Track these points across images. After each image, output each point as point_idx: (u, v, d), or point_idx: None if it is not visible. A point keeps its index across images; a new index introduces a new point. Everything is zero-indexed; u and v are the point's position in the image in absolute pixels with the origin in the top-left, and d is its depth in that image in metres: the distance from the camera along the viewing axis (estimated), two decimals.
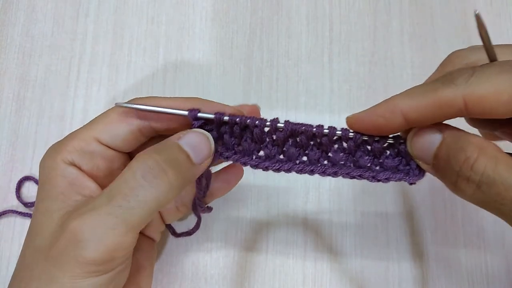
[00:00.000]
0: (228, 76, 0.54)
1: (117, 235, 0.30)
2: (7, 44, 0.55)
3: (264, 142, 0.35)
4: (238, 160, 0.35)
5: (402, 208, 0.50)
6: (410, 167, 0.34)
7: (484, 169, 0.28)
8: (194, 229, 0.47)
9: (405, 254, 0.48)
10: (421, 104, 0.30)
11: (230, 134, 0.35)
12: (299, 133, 0.34)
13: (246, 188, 0.50)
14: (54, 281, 0.30)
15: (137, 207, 0.30)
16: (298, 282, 0.48)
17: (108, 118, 0.36)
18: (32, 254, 0.32)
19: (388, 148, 0.34)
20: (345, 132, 0.33)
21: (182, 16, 0.57)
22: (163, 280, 0.47)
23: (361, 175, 0.34)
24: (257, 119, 0.34)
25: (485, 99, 0.28)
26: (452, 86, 0.29)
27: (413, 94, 0.30)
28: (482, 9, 0.56)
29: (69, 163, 0.35)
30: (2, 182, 0.51)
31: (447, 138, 0.30)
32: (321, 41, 0.55)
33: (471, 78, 0.28)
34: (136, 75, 0.54)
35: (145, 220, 0.32)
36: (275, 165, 0.34)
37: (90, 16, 0.56)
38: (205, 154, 0.34)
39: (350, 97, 0.53)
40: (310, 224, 0.49)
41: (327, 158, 0.35)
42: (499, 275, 0.48)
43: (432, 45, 0.55)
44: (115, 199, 0.30)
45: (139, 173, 0.31)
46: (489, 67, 0.29)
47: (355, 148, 0.34)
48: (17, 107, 0.53)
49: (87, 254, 0.30)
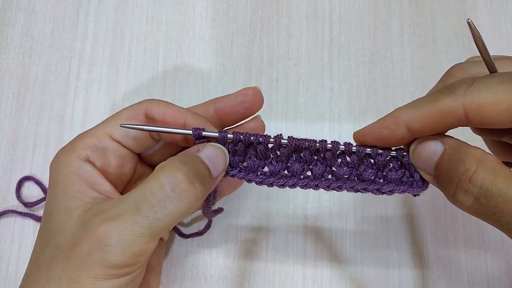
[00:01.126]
0: (228, 76, 0.54)
1: (142, 242, 0.31)
2: (7, 44, 0.55)
3: (268, 159, 0.35)
4: (244, 177, 0.35)
5: (402, 209, 0.50)
6: (413, 178, 0.34)
7: (483, 181, 0.28)
8: (205, 229, 0.48)
9: (405, 254, 0.48)
10: (423, 114, 0.30)
11: (234, 152, 0.35)
12: (303, 148, 0.34)
13: (246, 188, 0.50)
14: (75, 281, 0.31)
15: (164, 219, 0.31)
16: (298, 282, 0.48)
17: (120, 116, 0.37)
18: (51, 253, 0.33)
19: (391, 161, 0.34)
20: (348, 147, 0.34)
21: (182, 16, 0.57)
22: (163, 280, 0.47)
23: (365, 188, 0.34)
24: (261, 136, 0.34)
25: (484, 108, 0.28)
26: (452, 96, 0.29)
27: (415, 105, 0.31)
28: (482, 9, 0.56)
29: (84, 160, 0.35)
30: (2, 182, 0.51)
31: (448, 149, 0.31)
32: (321, 41, 0.55)
33: (471, 87, 0.29)
34: (136, 75, 0.54)
35: (168, 229, 0.33)
36: (279, 181, 0.35)
37: (90, 16, 0.56)
38: (222, 168, 0.35)
39: (350, 97, 0.53)
40: (310, 224, 0.49)
41: (331, 173, 0.35)
42: (499, 275, 0.48)
43: (432, 45, 0.55)
44: (143, 209, 0.31)
45: (169, 186, 0.31)
46: (489, 78, 0.30)
47: (358, 162, 0.35)
48: (17, 107, 0.53)
49: (113, 258, 0.30)
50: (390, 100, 0.53)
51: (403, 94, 0.53)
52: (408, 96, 0.53)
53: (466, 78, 0.30)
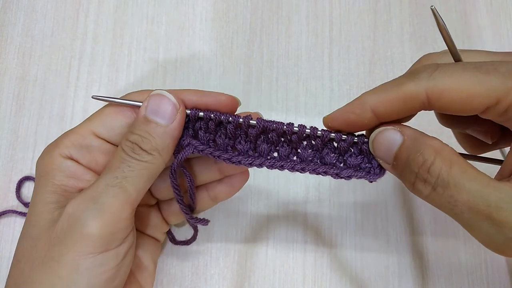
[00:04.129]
0: (228, 76, 0.54)
1: (118, 203, 0.32)
2: (7, 44, 0.55)
3: (238, 138, 0.36)
4: (212, 153, 0.36)
5: (402, 209, 0.50)
6: (371, 165, 0.35)
7: (440, 171, 0.29)
8: (191, 240, 0.47)
9: (405, 254, 0.48)
10: (387, 99, 0.31)
11: (205, 130, 0.36)
12: (270, 130, 0.35)
13: (246, 188, 0.50)
14: (57, 260, 0.31)
15: (131, 176, 0.33)
16: (298, 282, 0.48)
17: (104, 112, 0.37)
18: (30, 244, 0.33)
19: (352, 147, 0.36)
20: (313, 131, 0.35)
21: (182, 16, 0.57)
22: (163, 280, 0.47)
23: (326, 171, 0.35)
24: (231, 116, 0.35)
25: (445, 94, 0.29)
26: (415, 80, 0.30)
27: (380, 89, 0.32)
28: (482, 9, 0.56)
29: (66, 157, 0.35)
30: (2, 182, 0.51)
31: (407, 141, 0.32)
32: (321, 41, 0.55)
33: (435, 72, 0.30)
34: (136, 75, 0.54)
35: (140, 190, 0.33)
36: (247, 159, 0.36)
37: (90, 16, 0.56)
38: (171, 111, 0.34)
39: (350, 97, 0.53)
40: (310, 224, 0.49)
41: (297, 155, 0.37)
42: (499, 275, 0.48)
43: (432, 45, 0.55)
44: (109, 171, 0.33)
45: (128, 149, 0.33)
46: (453, 65, 0.30)
47: (322, 146, 0.36)
48: (17, 107, 0.53)
49: (89, 228, 0.31)
50: None
51: None
52: None
53: (431, 64, 0.31)
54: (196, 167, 0.41)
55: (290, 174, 0.51)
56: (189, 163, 0.41)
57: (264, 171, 0.50)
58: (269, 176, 0.51)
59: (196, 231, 0.47)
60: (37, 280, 0.31)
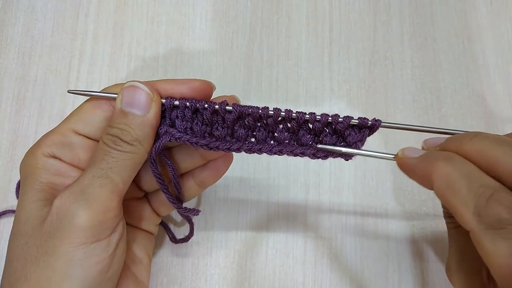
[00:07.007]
0: (228, 76, 0.54)
1: (106, 193, 0.32)
2: (7, 44, 0.55)
3: (215, 125, 0.37)
4: (190, 140, 0.36)
5: (402, 209, 0.50)
6: (346, 143, 0.36)
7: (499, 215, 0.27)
8: (190, 235, 0.47)
9: (405, 254, 0.48)
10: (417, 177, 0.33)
11: (182, 118, 0.36)
12: (247, 115, 0.36)
13: (246, 188, 0.50)
14: (50, 253, 0.31)
15: (116, 166, 0.33)
16: (298, 282, 0.48)
17: (82, 109, 0.37)
18: (21, 242, 0.33)
19: (326, 127, 0.36)
20: (288, 113, 0.36)
21: (182, 16, 0.57)
22: (163, 280, 0.47)
23: (303, 152, 0.36)
24: (206, 102, 0.36)
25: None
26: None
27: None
28: (482, 9, 0.56)
29: (49, 156, 0.35)
30: (2, 182, 0.51)
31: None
32: (321, 41, 0.55)
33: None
34: (136, 75, 0.54)
35: (126, 180, 0.34)
36: (225, 144, 0.36)
37: (90, 16, 0.56)
38: (145, 101, 0.35)
39: (350, 97, 0.53)
40: (310, 224, 0.49)
41: (273, 138, 0.37)
42: None
43: (432, 45, 0.55)
44: (94, 164, 0.33)
45: (110, 142, 0.34)
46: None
47: (298, 128, 0.36)
48: (17, 107, 0.53)
49: (79, 219, 0.31)
50: (390, 100, 0.53)
51: (403, 94, 0.53)
52: (408, 96, 0.53)
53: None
54: (178, 155, 0.41)
55: (290, 174, 0.51)
56: (171, 152, 0.41)
57: (264, 170, 0.50)
58: (269, 176, 0.51)
59: (191, 223, 0.46)
60: (32, 276, 0.31)
